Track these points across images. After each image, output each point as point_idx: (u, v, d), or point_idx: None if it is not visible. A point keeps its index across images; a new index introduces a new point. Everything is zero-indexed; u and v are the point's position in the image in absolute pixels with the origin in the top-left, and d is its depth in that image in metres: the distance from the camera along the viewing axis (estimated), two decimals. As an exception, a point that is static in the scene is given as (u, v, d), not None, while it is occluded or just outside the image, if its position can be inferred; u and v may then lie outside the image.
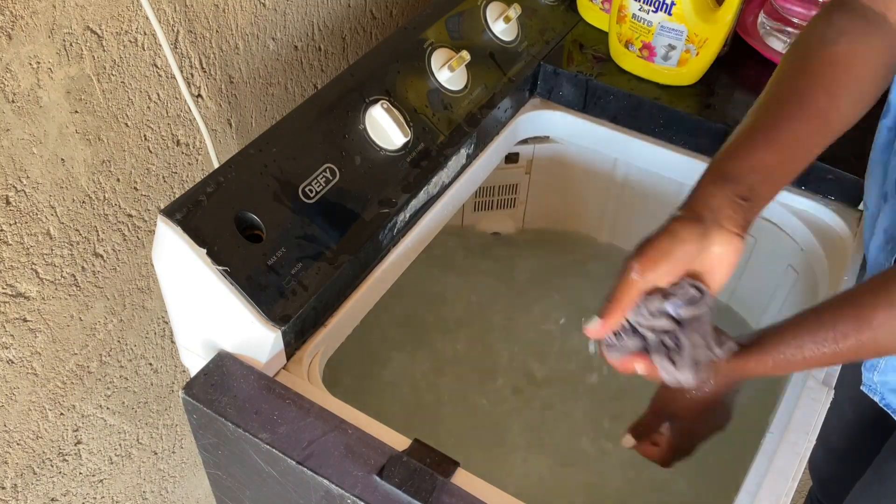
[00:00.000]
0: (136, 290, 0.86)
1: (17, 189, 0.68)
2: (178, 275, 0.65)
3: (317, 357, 0.70)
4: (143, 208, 0.83)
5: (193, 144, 0.86)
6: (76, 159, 0.73)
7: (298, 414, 0.62)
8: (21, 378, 0.77)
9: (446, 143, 0.81)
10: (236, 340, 0.66)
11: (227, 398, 0.63)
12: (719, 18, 0.88)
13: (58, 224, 0.74)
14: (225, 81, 0.86)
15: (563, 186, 1.12)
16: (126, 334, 0.88)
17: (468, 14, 0.89)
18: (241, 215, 0.65)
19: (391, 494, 0.57)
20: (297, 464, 0.59)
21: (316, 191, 0.70)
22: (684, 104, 0.91)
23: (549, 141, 1.06)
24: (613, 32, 0.95)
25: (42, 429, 0.82)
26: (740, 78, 0.96)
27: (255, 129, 0.94)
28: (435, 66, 0.83)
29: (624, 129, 0.95)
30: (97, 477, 0.93)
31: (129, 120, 0.77)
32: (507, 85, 0.90)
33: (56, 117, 0.69)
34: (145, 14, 0.72)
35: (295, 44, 0.95)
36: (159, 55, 0.77)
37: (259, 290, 0.63)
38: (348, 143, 0.74)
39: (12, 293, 0.72)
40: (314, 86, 1.02)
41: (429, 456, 0.60)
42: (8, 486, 0.81)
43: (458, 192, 0.86)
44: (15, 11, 0.62)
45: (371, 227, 0.72)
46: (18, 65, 0.64)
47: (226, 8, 0.82)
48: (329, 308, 0.71)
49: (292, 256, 0.66)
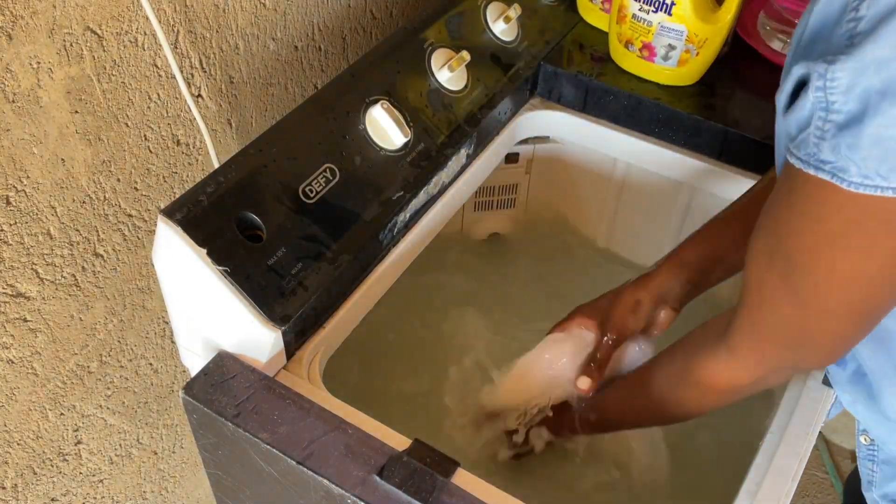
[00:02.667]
0: (136, 290, 0.86)
1: (17, 189, 0.68)
2: (178, 275, 0.65)
3: (317, 357, 0.70)
4: (143, 208, 0.83)
5: (193, 144, 0.86)
6: (76, 159, 0.73)
7: (298, 414, 0.62)
8: (21, 378, 0.77)
9: (446, 143, 0.81)
10: (236, 340, 0.66)
11: (228, 398, 0.63)
12: (719, 18, 0.88)
13: (58, 224, 0.74)
14: (225, 81, 0.86)
15: (563, 186, 1.12)
16: (126, 334, 0.88)
17: (468, 14, 0.89)
18: (241, 215, 0.65)
19: (391, 494, 0.57)
20: (298, 464, 0.59)
21: (316, 191, 0.70)
22: (684, 104, 0.91)
23: (549, 141, 1.06)
24: (613, 32, 0.95)
25: (42, 429, 0.82)
26: (740, 78, 0.96)
27: (255, 129, 0.94)
28: (435, 66, 0.83)
29: (624, 129, 0.95)
30: (97, 477, 0.93)
31: (130, 120, 0.77)
32: (507, 85, 0.90)
33: (56, 117, 0.69)
34: (145, 14, 0.72)
35: (295, 44, 0.95)
36: (159, 55, 0.77)
37: (259, 290, 0.63)
38: (348, 143, 0.74)
39: (12, 293, 0.72)
40: (314, 86, 1.02)
41: (429, 456, 0.60)
42: (8, 486, 0.81)
43: (458, 192, 0.86)
44: (15, 11, 0.62)
45: (371, 227, 0.72)
46: (18, 65, 0.64)
47: (226, 8, 0.82)
48: (329, 308, 0.71)
49: (292, 256, 0.66)
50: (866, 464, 0.72)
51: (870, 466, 0.72)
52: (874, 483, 0.72)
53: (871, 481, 0.73)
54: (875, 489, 0.72)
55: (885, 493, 0.72)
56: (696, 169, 0.92)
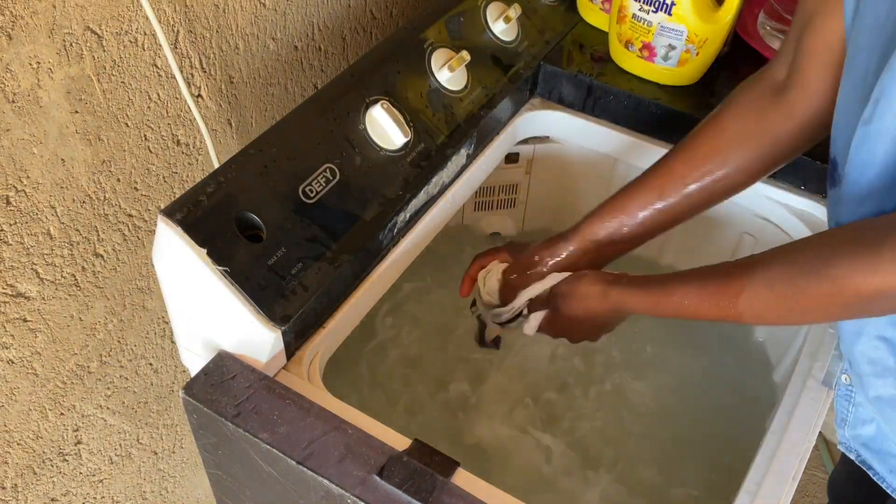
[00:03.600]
0: (136, 290, 0.86)
1: (17, 189, 0.68)
2: (178, 275, 0.65)
3: (317, 357, 0.70)
4: (143, 208, 0.83)
5: (193, 144, 0.86)
6: (76, 159, 0.73)
7: (298, 414, 0.62)
8: (21, 378, 0.77)
9: (446, 143, 0.81)
10: (236, 340, 0.66)
11: (227, 398, 0.63)
12: (719, 18, 0.88)
13: (58, 224, 0.74)
14: (225, 81, 0.86)
15: (563, 186, 1.12)
16: (126, 334, 0.88)
17: (468, 14, 0.89)
18: (241, 215, 0.65)
19: (391, 494, 0.57)
20: (298, 464, 0.59)
21: (316, 191, 0.70)
22: (684, 104, 0.91)
23: (549, 141, 1.06)
24: (613, 32, 0.95)
25: (42, 429, 0.82)
26: (740, 78, 0.96)
27: (255, 129, 0.94)
28: (435, 66, 0.83)
29: (624, 129, 0.95)
30: (97, 477, 0.93)
31: (129, 120, 0.77)
32: (507, 85, 0.90)
33: (56, 117, 0.69)
34: (145, 14, 0.72)
35: (295, 44, 0.95)
36: (159, 55, 0.77)
37: (259, 290, 0.63)
38: (348, 143, 0.74)
39: (12, 293, 0.72)
40: (314, 86, 1.02)
41: (429, 456, 0.60)
42: (8, 486, 0.81)
43: (458, 192, 0.86)
44: (15, 11, 0.62)
45: (371, 227, 0.72)
46: (18, 65, 0.64)
47: (226, 8, 0.82)
48: (329, 308, 0.71)
49: (292, 256, 0.66)
50: (842, 402, 0.73)
51: (845, 406, 0.73)
52: (847, 422, 0.73)
53: (844, 419, 0.73)
54: (848, 429, 0.74)
55: (856, 433, 0.73)
56: (696, 169, 0.92)
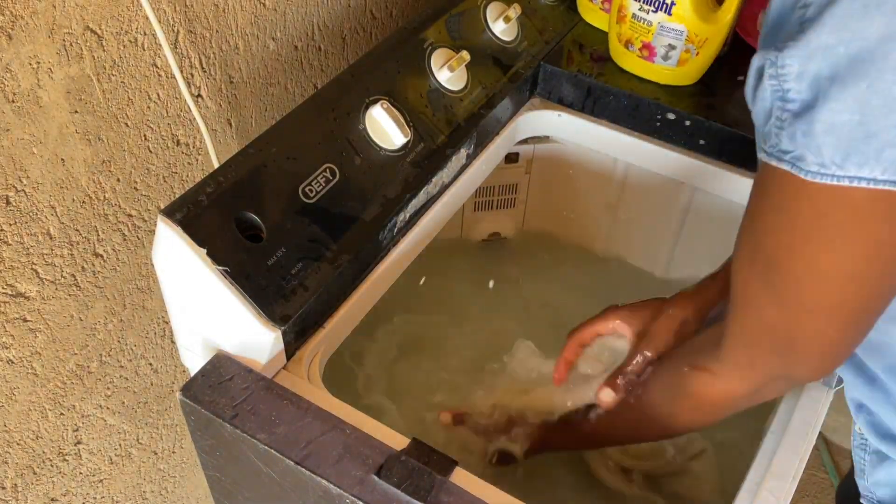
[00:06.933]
0: (136, 290, 0.86)
1: (17, 189, 0.68)
2: (177, 275, 0.65)
3: (317, 357, 0.70)
4: (143, 208, 0.83)
5: (193, 144, 0.86)
6: (76, 159, 0.73)
7: (296, 414, 0.62)
8: (21, 378, 0.77)
9: (446, 143, 0.81)
10: (236, 340, 0.66)
11: (225, 399, 0.63)
12: (719, 18, 0.88)
13: (58, 224, 0.74)
14: (225, 81, 0.86)
15: (563, 186, 1.12)
16: (126, 334, 0.88)
17: (468, 14, 0.89)
18: (241, 215, 0.65)
19: (390, 494, 0.57)
20: (296, 464, 0.59)
21: (316, 191, 0.70)
22: (684, 104, 0.91)
23: (549, 141, 1.06)
24: (613, 32, 0.95)
25: (42, 429, 0.82)
26: (740, 78, 0.96)
27: (255, 129, 0.94)
28: (435, 66, 0.83)
29: (624, 129, 0.95)
30: (97, 477, 0.94)
31: (129, 120, 0.77)
32: (507, 85, 0.90)
33: (56, 117, 0.69)
34: (145, 14, 0.72)
35: (295, 44, 0.95)
36: (159, 55, 0.77)
37: (259, 290, 0.63)
38: (348, 143, 0.74)
39: (12, 293, 0.72)
40: (314, 86, 1.02)
41: (427, 455, 0.60)
42: (8, 486, 0.81)
43: (458, 191, 0.86)
44: (15, 11, 0.62)
45: (371, 227, 0.72)
46: (18, 65, 0.64)
47: (226, 8, 0.82)
48: (329, 308, 0.71)
49: (292, 256, 0.66)
50: (858, 453, 0.73)
51: (861, 455, 0.72)
52: (865, 472, 0.73)
53: (862, 469, 0.73)
54: (867, 478, 0.73)
55: (876, 480, 0.72)
56: (696, 169, 0.92)
